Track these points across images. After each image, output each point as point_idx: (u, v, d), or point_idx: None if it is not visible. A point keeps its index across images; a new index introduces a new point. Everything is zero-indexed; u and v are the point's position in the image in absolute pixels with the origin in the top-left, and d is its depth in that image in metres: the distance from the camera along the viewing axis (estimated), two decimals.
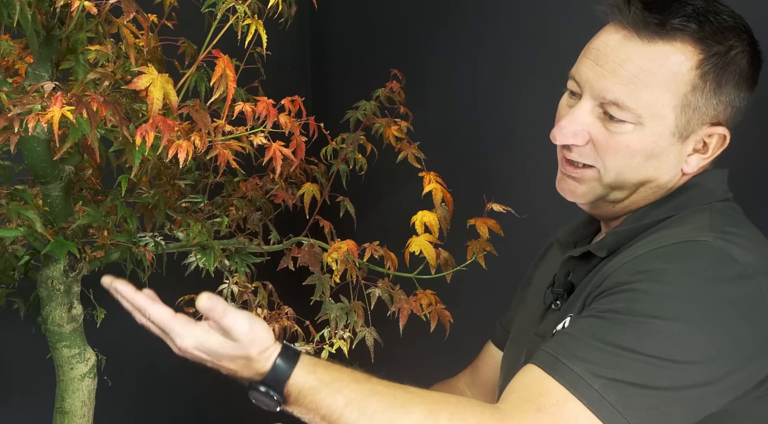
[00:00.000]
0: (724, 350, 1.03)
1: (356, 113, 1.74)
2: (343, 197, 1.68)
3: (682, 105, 1.12)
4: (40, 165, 1.32)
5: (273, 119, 1.31)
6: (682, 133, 1.14)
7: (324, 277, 1.57)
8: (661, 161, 1.15)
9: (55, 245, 1.26)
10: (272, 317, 1.77)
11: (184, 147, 1.17)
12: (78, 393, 1.40)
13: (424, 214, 1.59)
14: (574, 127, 1.16)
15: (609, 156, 1.15)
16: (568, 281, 1.25)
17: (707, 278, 1.04)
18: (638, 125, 1.13)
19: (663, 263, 1.05)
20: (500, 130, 1.99)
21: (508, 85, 1.95)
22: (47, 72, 1.31)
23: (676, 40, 1.11)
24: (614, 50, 1.13)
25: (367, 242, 1.57)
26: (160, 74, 1.21)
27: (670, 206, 1.18)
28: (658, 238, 1.11)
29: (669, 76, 1.11)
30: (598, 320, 1.04)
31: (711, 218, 1.13)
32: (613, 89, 1.12)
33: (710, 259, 1.05)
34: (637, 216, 1.19)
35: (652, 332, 1.01)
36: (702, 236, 1.07)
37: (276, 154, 1.39)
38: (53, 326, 1.38)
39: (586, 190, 1.20)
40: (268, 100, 1.34)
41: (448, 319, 1.59)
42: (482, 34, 2.01)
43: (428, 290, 1.59)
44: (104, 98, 1.13)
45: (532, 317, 1.33)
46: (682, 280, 1.03)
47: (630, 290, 1.04)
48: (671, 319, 1.01)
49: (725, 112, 1.15)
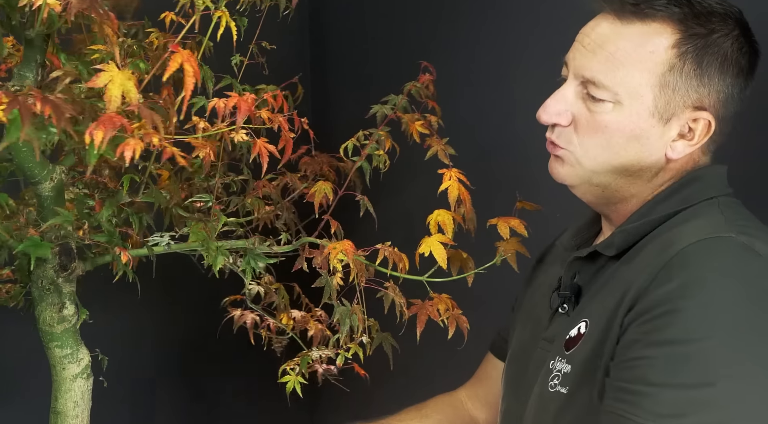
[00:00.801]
0: None
1: (383, 108, 1.67)
2: (362, 196, 1.61)
3: (660, 84, 1.12)
4: (28, 165, 1.33)
5: (245, 114, 1.25)
6: (662, 114, 1.13)
7: (331, 279, 1.51)
8: (642, 143, 1.14)
9: (29, 244, 1.26)
10: (304, 320, 1.73)
11: (131, 145, 1.13)
12: (70, 394, 1.40)
13: (440, 213, 1.51)
14: (559, 106, 1.18)
15: (588, 136, 1.16)
16: (575, 283, 1.23)
17: (744, 276, 1.01)
18: (617, 104, 1.13)
19: (694, 269, 1.01)
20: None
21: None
22: (31, 72, 1.32)
23: (655, 21, 1.12)
24: (595, 31, 1.16)
25: (383, 242, 1.50)
26: (120, 71, 1.19)
27: (675, 201, 1.15)
28: (676, 237, 1.07)
29: (645, 54, 1.12)
30: (654, 361, 1.00)
31: (722, 212, 1.11)
32: (591, 67, 1.14)
33: (739, 256, 1.02)
34: (642, 212, 1.17)
35: (709, 355, 0.97)
36: (723, 231, 1.05)
37: (262, 151, 1.34)
38: (44, 326, 1.39)
39: (568, 171, 1.20)
40: (249, 95, 1.29)
41: (465, 325, 1.50)
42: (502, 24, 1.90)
43: (444, 295, 1.51)
44: (55, 97, 1.12)
45: (537, 323, 1.29)
46: (720, 285, 1.00)
47: (672, 312, 1.00)
48: (724, 334, 0.97)
49: (709, 97, 1.13)
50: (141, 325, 2.08)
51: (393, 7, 2.20)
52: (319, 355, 1.63)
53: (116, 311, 1.91)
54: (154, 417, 2.19)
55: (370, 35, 2.29)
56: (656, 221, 1.14)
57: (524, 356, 1.28)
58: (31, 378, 1.89)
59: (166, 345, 2.17)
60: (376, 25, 2.28)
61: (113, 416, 1.77)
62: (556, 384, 1.15)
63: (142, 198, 1.47)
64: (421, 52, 1.93)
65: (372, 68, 2.27)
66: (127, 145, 1.14)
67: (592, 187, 1.20)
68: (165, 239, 1.52)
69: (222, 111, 1.27)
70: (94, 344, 1.47)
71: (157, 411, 2.20)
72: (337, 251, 1.43)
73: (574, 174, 1.19)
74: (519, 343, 1.33)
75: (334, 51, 2.40)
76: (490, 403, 1.47)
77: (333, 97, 2.37)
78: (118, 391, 1.77)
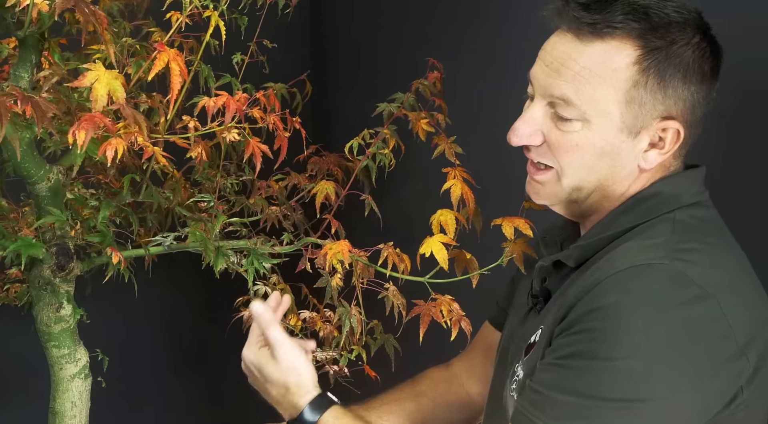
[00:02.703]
0: (689, 379, 1.02)
1: (390, 106, 1.65)
2: (366, 196, 1.59)
3: (626, 100, 1.11)
4: (24, 165, 1.33)
5: (232, 113, 1.24)
6: (631, 129, 1.13)
7: (331, 279, 1.49)
8: (614, 159, 1.14)
9: (20, 244, 1.26)
10: (313, 321, 1.72)
11: (113, 144, 1.13)
12: (68, 394, 1.41)
13: (442, 213, 1.48)
14: (528, 128, 1.17)
15: (562, 155, 1.16)
16: (545, 287, 1.23)
17: (663, 306, 1.02)
18: (585, 122, 1.12)
19: (615, 295, 1.04)
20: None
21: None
22: (27, 72, 1.32)
23: (614, 39, 1.11)
24: (557, 50, 1.14)
25: (385, 242, 1.48)
26: (107, 71, 1.19)
27: (635, 214, 1.15)
28: (619, 256, 1.09)
29: (609, 72, 1.11)
30: (562, 371, 1.06)
31: (672, 231, 1.10)
32: (559, 86, 1.13)
33: (665, 284, 1.03)
34: (603, 224, 1.18)
35: (613, 374, 1.01)
36: (657, 258, 1.05)
37: (255, 151, 1.33)
38: (42, 326, 1.40)
39: (549, 193, 1.20)
40: (240, 94, 1.28)
41: (468, 327, 1.47)
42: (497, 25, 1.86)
43: (447, 296, 1.48)
44: (38, 96, 1.12)
45: (518, 317, 1.31)
46: (635, 313, 1.02)
47: (585, 331, 1.04)
48: (628, 357, 1.01)
49: (676, 106, 1.12)
50: (141, 325, 2.08)
51: (394, 6, 2.18)
52: (325, 356, 1.61)
53: (116, 311, 1.92)
54: (154, 417, 2.19)
55: (372, 34, 2.27)
56: (614, 235, 1.15)
57: (506, 346, 1.31)
58: (31, 378, 1.90)
59: (166, 345, 2.17)
60: (377, 24, 2.26)
61: (113, 416, 1.77)
62: (513, 389, 1.18)
63: (141, 198, 1.47)
64: (423, 50, 1.90)
65: (374, 67, 2.25)
66: (110, 144, 1.14)
67: (570, 202, 1.20)
68: (169, 239, 1.52)
69: (212, 110, 1.26)
70: (94, 344, 1.47)
71: (157, 411, 2.20)
72: (335, 252, 1.41)
73: (555, 195, 1.20)
74: (507, 329, 1.35)
75: (335, 49, 2.38)
76: (483, 377, 1.45)
77: (334, 95, 2.35)
78: (118, 391, 1.77)
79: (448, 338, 1.45)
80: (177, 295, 2.06)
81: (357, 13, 2.32)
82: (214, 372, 2.23)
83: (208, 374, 2.24)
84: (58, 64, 1.29)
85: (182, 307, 2.10)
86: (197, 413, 2.26)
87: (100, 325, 1.54)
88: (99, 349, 1.49)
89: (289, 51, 2.32)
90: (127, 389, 2.02)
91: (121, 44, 1.42)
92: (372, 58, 2.26)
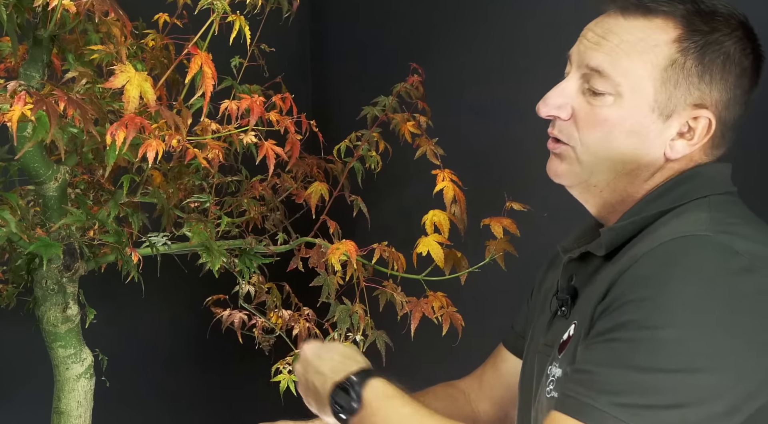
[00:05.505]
0: (745, 349, 0.97)
1: (374, 109, 1.70)
2: (356, 196, 1.64)
3: (662, 79, 1.11)
4: (33, 165, 1.33)
5: (257, 116, 1.27)
6: (662, 110, 1.12)
7: (330, 278, 1.53)
8: (641, 140, 1.13)
9: (39, 245, 1.26)
10: (293, 319, 1.75)
11: (154, 146, 1.14)
12: (74, 393, 1.40)
13: (435, 213, 1.54)
14: (560, 99, 1.17)
15: (588, 130, 1.15)
16: (572, 285, 1.20)
17: (712, 275, 0.99)
18: (618, 97, 1.12)
19: (663, 265, 1.00)
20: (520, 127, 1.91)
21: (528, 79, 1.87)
22: (38, 72, 1.32)
23: (658, 17, 1.12)
24: (599, 26, 1.16)
25: (378, 242, 1.53)
26: (137, 73, 1.20)
27: (669, 199, 1.13)
28: (658, 236, 1.06)
29: (648, 47, 1.12)
30: (609, 344, 1.00)
31: (710, 210, 1.08)
32: (595, 57, 1.13)
33: (712, 254, 1.00)
34: (634, 211, 1.15)
35: (665, 344, 0.96)
36: (701, 230, 1.02)
37: (269, 153, 1.36)
38: (48, 326, 1.39)
39: (566, 169, 1.19)
40: (258, 97, 1.31)
41: (460, 323, 1.54)
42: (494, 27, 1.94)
43: (439, 293, 1.54)
44: (76, 97, 1.12)
45: (540, 328, 1.28)
46: (685, 281, 0.98)
47: (633, 301, 1.00)
48: (683, 326, 0.97)
49: (711, 95, 1.12)
50: (140, 325, 2.07)
51: (394, 9, 2.23)
52: None
53: (114, 311, 1.90)
54: (154, 417, 2.18)
55: (370, 37, 2.30)
56: (647, 220, 1.13)
57: (529, 363, 1.28)
58: (32, 379, 1.87)
59: (166, 345, 2.16)
60: (375, 27, 2.30)
61: (113, 415, 1.76)
62: (551, 389, 1.14)
63: (142, 198, 1.48)
64: (418, 54, 1.95)
65: (371, 69, 2.28)
66: (150, 146, 1.15)
67: (590, 186, 1.18)
68: (162, 240, 1.53)
69: (235, 113, 1.29)
70: (93, 345, 1.47)
71: (156, 411, 2.19)
72: (340, 252, 1.45)
73: (572, 173, 1.18)
74: (527, 350, 1.33)
75: (333, 53, 2.41)
76: (493, 397, 1.45)
77: (333, 98, 2.38)
78: (118, 391, 1.76)
79: (448, 341, 1.50)
80: (177, 295, 2.06)
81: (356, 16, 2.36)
82: (214, 372, 2.23)
83: (208, 374, 2.24)
84: (86, 66, 1.29)
85: (182, 307, 2.09)
86: (197, 413, 2.26)
87: (99, 325, 1.54)
88: (98, 349, 1.48)
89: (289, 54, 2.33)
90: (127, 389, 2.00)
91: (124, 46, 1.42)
92: (371, 61, 2.30)
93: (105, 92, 1.27)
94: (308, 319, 1.75)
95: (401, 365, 1.66)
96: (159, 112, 1.16)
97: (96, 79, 1.28)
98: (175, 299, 2.08)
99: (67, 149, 1.42)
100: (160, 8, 1.58)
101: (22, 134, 1.22)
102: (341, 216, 1.63)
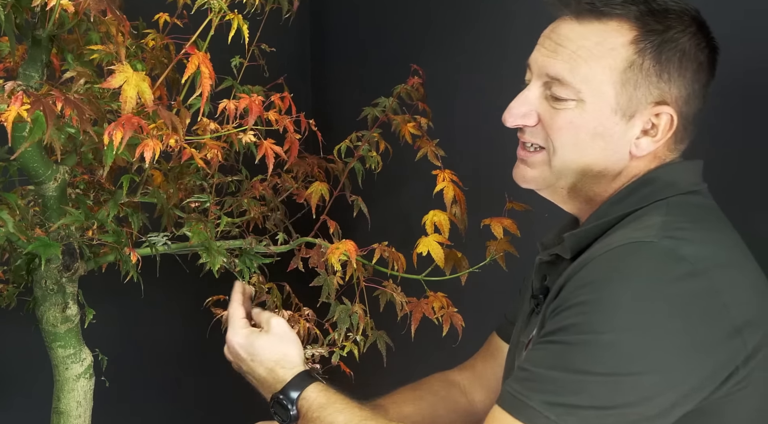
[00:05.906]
0: (680, 353, 1.01)
1: (374, 110, 1.69)
2: (356, 196, 1.64)
3: (622, 81, 1.13)
4: (32, 165, 1.33)
5: (256, 116, 1.27)
6: (625, 111, 1.14)
7: (330, 278, 1.53)
8: (606, 141, 1.15)
9: (38, 245, 1.26)
10: (293, 319, 1.75)
11: (151, 146, 1.14)
12: (73, 393, 1.41)
13: (435, 213, 1.54)
14: (523, 108, 1.19)
15: (556, 134, 1.17)
16: (545, 285, 1.24)
17: (653, 281, 1.02)
18: (580, 102, 1.15)
19: (605, 270, 1.04)
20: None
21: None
22: (37, 72, 1.32)
23: (612, 20, 1.14)
24: (555, 33, 1.18)
25: (378, 242, 1.53)
26: (135, 73, 1.20)
27: (631, 201, 1.16)
28: (609, 241, 1.09)
29: (605, 51, 1.14)
30: (549, 346, 1.05)
31: (666, 213, 1.11)
32: (554, 65, 1.16)
33: (655, 260, 1.03)
34: (599, 213, 1.18)
35: (601, 348, 1.00)
36: (648, 236, 1.05)
37: (268, 152, 1.36)
38: (47, 326, 1.39)
39: (536, 175, 1.22)
40: (256, 97, 1.31)
41: (460, 323, 1.53)
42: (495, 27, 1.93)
43: (439, 293, 1.54)
44: (74, 97, 1.12)
45: (522, 322, 1.32)
46: (625, 287, 1.02)
47: (575, 305, 1.04)
48: (619, 330, 1.00)
49: (670, 92, 1.14)
50: (140, 325, 2.07)
51: (394, 9, 2.22)
52: (312, 353, 1.64)
53: (114, 311, 1.90)
54: (154, 417, 2.18)
55: (370, 37, 2.30)
56: (610, 222, 1.15)
57: (510, 357, 1.32)
58: (31, 379, 1.87)
59: (165, 345, 2.16)
60: (375, 28, 2.30)
61: (113, 416, 1.76)
62: None
63: (142, 198, 1.48)
64: (418, 54, 1.95)
65: (371, 70, 2.28)
66: (147, 146, 1.15)
67: (558, 189, 1.21)
68: (162, 240, 1.53)
69: (233, 112, 1.29)
70: (93, 345, 1.47)
71: (156, 411, 2.19)
72: (340, 252, 1.44)
73: (541, 178, 1.21)
74: (510, 344, 1.36)
75: (333, 53, 2.41)
76: (488, 385, 1.47)
77: (333, 98, 2.38)
78: (118, 391, 1.76)
79: (448, 342, 1.50)
80: (177, 295, 2.06)
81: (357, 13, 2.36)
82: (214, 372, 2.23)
83: (208, 374, 2.24)
84: (85, 66, 1.29)
85: (182, 307, 2.09)
86: (197, 413, 2.26)
87: (98, 325, 1.53)
88: (98, 349, 1.48)
89: (289, 54, 2.33)
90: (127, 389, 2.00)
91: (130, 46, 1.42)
92: (371, 61, 2.30)
93: (104, 92, 1.27)
94: (308, 319, 1.74)
95: (401, 365, 1.67)
96: (157, 112, 1.15)
97: (95, 79, 1.27)
98: (175, 299, 2.08)
99: (66, 149, 1.43)
100: (160, 8, 1.58)
101: (21, 134, 1.23)
102: (341, 216, 1.63)
